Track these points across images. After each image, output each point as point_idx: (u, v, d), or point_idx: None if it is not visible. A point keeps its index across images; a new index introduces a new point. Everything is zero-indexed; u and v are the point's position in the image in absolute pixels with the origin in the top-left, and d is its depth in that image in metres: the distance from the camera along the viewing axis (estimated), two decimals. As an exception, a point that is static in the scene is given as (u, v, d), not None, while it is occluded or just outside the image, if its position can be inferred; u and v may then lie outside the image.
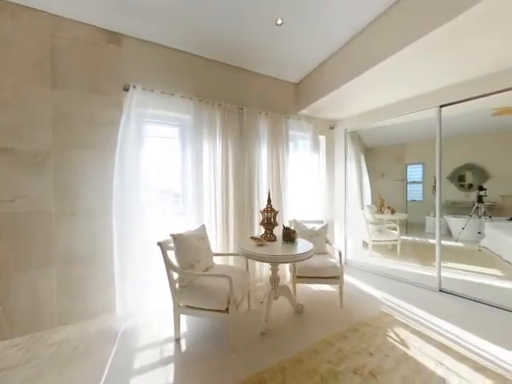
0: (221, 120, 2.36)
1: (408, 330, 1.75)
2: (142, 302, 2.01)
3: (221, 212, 2.35)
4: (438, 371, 1.36)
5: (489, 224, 3.51)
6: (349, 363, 1.42)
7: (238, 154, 2.48)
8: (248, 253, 1.72)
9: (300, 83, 2.99)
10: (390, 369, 1.37)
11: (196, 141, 2.23)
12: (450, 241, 3.82)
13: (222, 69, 2.52)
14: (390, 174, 4.78)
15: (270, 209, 2.04)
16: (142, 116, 2.02)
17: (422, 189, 4.52)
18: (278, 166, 2.75)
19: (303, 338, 1.67)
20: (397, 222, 3.75)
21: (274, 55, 2.41)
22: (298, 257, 1.66)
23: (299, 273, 2.12)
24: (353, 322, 1.86)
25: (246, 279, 1.88)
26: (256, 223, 2.56)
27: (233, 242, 2.41)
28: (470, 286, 2.46)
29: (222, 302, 1.52)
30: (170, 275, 1.64)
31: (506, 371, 1.35)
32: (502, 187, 3.78)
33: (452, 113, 2.41)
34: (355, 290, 2.46)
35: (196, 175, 2.22)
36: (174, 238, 1.69)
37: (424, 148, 2.82)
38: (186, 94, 2.23)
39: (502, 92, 2.04)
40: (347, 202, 3.38)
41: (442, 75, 2.17)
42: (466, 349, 1.54)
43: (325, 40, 2.18)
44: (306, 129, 3.11)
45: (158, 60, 2.19)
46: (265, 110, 2.70)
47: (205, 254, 1.88)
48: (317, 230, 2.52)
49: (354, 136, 3.58)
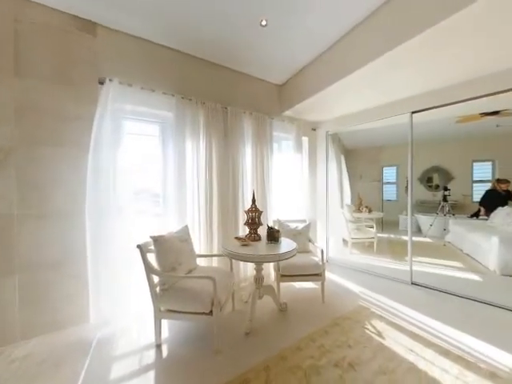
0: (204, 119, 2.32)
1: (383, 322, 1.86)
2: (119, 309, 1.90)
3: (204, 212, 2.31)
4: (408, 357, 1.46)
5: (452, 221, 3.87)
6: (330, 357, 1.48)
7: (223, 153, 2.46)
8: (232, 253, 1.71)
9: (284, 85, 3.04)
10: (368, 359, 1.45)
11: (178, 139, 2.16)
12: (419, 237, 4.15)
13: (207, 67, 2.48)
14: (368, 175, 5.06)
15: (255, 209, 2.05)
16: (120, 112, 1.91)
17: (396, 189, 4.86)
18: (263, 167, 2.77)
19: (287, 336, 1.70)
20: (374, 221, 3.98)
21: (259, 56, 2.43)
22: (282, 256, 1.68)
23: (283, 271, 2.15)
24: (334, 316, 1.94)
25: (230, 280, 1.86)
26: (240, 223, 2.56)
27: (217, 242, 2.38)
28: (437, 278, 2.69)
29: (206, 304, 1.50)
30: (150, 279, 1.58)
31: (465, 353, 1.50)
32: (463, 187, 4.20)
33: (422, 119, 2.62)
34: (336, 286, 2.57)
35: (178, 175, 2.16)
36: (155, 240, 1.62)
37: (398, 151, 3.04)
38: (168, 91, 2.15)
39: (465, 101, 2.25)
40: (329, 201, 3.51)
41: (414, 84, 2.34)
42: (433, 335, 1.69)
43: (308, 44, 2.24)
44: (290, 130, 3.17)
45: (138, 54, 2.09)
46: (249, 110, 2.70)
47: (187, 255, 1.84)
48: (300, 230, 2.58)
49: (334, 138, 3.73)
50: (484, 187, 3.85)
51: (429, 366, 1.39)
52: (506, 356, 1.47)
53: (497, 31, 1.56)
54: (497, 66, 2.00)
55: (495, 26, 1.51)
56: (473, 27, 1.51)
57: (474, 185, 4.11)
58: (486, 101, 2.18)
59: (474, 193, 4.05)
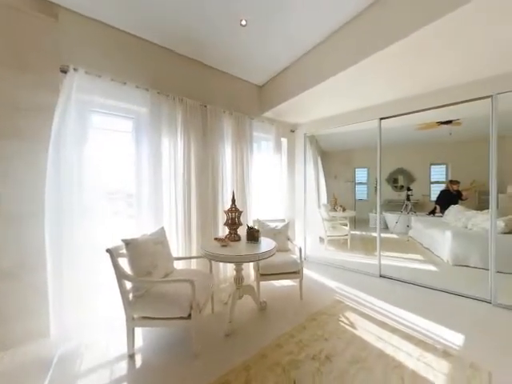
0: (182, 116, 2.23)
1: (356, 313, 1.99)
2: (85, 320, 1.74)
3: (182, 213, 2.22)
4: (378, 345, 1.58)
5: (414, 218, 4.29)
6: (308, 351, 1.53)
7: (202, 152, 2.40)
8: (212, 254, 1.68)
9: (264, 86, 3.08)
10: (342, 350, 1.54)
11: (154, 136, 2.05)
12: (387, 233, 4.52)
13: (185, 62, 2.39)
14: (342, 175, 5.36)
15: (235, 209, 2.04)
16: (87, 104, 1.75)
17: (367, 189, 5.23)
18: (243, 167, 2.77)
19: (267, 334, 1.72)
20: (347, 219, 4.23)
21: (239, 55, 2.42)
22: (262, 255, 1.70)
23: (262, 271, 2.18)
24: (311, 312, 2.02)
25: (209, 281, 1.83)
26: (220, 224, 2.52)
27: (196, 244, 2.31)
28: (402, 270, 2.96)
29: (184, 308, 1.44)
30: (122, 285, 1.47)
31: (425, 336, 1.67)
32: (422, 188, 4.70)
33: (389, 125, 2.86)
34: (313, 283, 2.67)
35: (154, 174, 2.05)
36: (127, 244, 1.52)
37: (368, 154, 3.28)
38: (142, 85, 2.03)
39: (425, 110, 2.51)
40: (306, 201, 3.63)
41: (383, 92, 2.54)
42: (398, 322, 1.85)
43: (287, 47, 2.29)
44: (269, 131, 3.22)
45: (109, 43, 1.93)
46: (229, 109, 2.68)
47: (164, 258, 1.75)
48: (279, 229, 2.63)
49: (312, 140, 3.88)
50: (439, 188, 4.35)
51: (395, 351, 1.52)
52: (455, 336, 1.68)
53: (447, 53, 1.77)
54: (450, 82, 2.27)
55: (446, 49, 1.72)
56: (432, 45, 1.69)
57: (431, 185, 4.62)
58: (441, 111, 2.46)
59: (432, 193, 4.55)
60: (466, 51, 1.78)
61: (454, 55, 1.83)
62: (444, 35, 1.58)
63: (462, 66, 2.00)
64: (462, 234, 3.04)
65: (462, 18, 1.41)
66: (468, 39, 1.64)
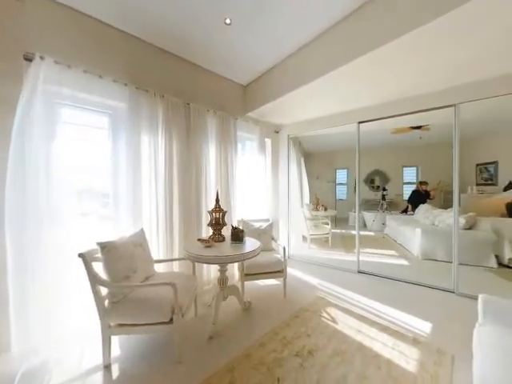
0: (164, 113, 2.15)
1: (337, 309, 2.07)
2: (54, 332, 1.60)
3: (164, 214, 2.14)
4: (357, 338, 1.67)
5: (389, 216, 4.59)
6: (291, 348, 1.56)
7: (185, 151, 2.33)
8: (195, 256, 1.64)
9: (248, 86, 3.07)
10: (324, 345, 1.59)
11: (133, 134, 1.95)
12: (365, 231, 4.77)
13: (168, 58, 2.31)
14: (324, 176, 5.56)
15: (219, 209, 2.01)
16: (56, 96, 1.61)
17: (347, 189, 5.47)
18: (227, 166, 2.74)
19: (251, 333, 1.72)
20: (329, 218, 4.39)
21: (223, 54, 2.39)
22: (247, 255, 1.70)
23: (247, 270, 2.18)
24: (294, 309, 2.06)
25: (192, 284, 1.78)
26: (204, 224, 2.47)
27: (178, 245, 2.24)
28: (378, 265, 3.14)
29: (166, 313, 1.39)
30: (97, 292, 1.38)
31: (398, 327, 1.80)
32: (396, 188, 5.04)
33: (367, 128, 3.01)
34: (296, 281, 2.73)
35: (133, 173, 1.95)
36: (102, 247, 1.43)
37: (348, 155, 3.44)
38: (120, 79, 1.92)
39: (398, 116, 2.69)
40: (290, 201, 3.70)
41: (362, 97, 2.67)
42: (375, 315, 1.96)
43: (271, 48, 2.31)
44: (254, 131, 3.23)
45: (84, 33, 1.79)
46: (213, 108, 2.63)
47: (143, 261, 1.67)
48: (263, 229, 2.65)
49: (295, 141, 3.96)
50: (411, 188, 4.69)
51: (373, 343, 1.61)
52: (424, 324, 1.82)
53: (416, 64, 1.92)
54: (420, 90, 2.45)
55: (415, 60, 1.86)
56: (403, 56, 1.82)
57: (404, 186, 4.97)
58: (413, 117, 2.66)
59: (404, 192, 4.90)
60: (432, 63, 1.93)
61: (421, 66, 1.98)
62: (414, 47, 1.71)
63: (429, 77, 2.18)
64: (430, 230, 3.31)
65: (429, 33, 1.53)
66: (433, 53, 1.78)
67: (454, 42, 1.66)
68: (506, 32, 1.55)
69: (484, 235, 2.90)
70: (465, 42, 1.66)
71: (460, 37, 1.60)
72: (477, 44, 1.68)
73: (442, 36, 1.58)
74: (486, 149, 3.58)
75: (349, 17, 1.86)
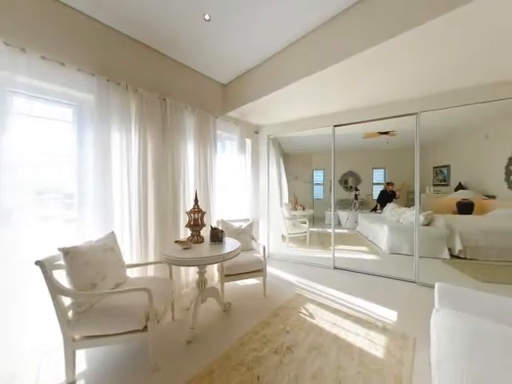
0: (137, 108, 2.02)
1: (314, 304, 2.16)
2: (6, 349, 1.40)
3: (138, 215, 2.02)
4: (332, 330, 1.75)
5: (360, 215, 4.91)
6: (270, 346, 1.58)
7: (161, 148, 2.22)
8: (172, 259, 1.58)
9: (228, 85, 3.04)
10: (302, 339, 1.65)
11: (102, 129, 1.80)
12: (340, 229, 5.05)
13: (142, 50, 2.17)
14: (302, 176, 5.75)
15: (197, 209, 1.96)
16: (7, 83, 1.41)
17: (323, 189, 5.74)
18: (206, 166, 2.68)
19: (231, 335, 1.71)
20: (306, 217, 4.55)
21: (202, 51, 2.33)
22: (227, 256, 1.68)
23: (227, 271, 2.15)
24: (274, 307, 2.09)
25: (169, 288, 1.70)
26: (182, 225, 2.38)
27: (153, 248, 2.12)
28: (351, 261, 3.34)
29: (140, 320, 1.31)
30: (59, 302, 1.24)
31: (369, 317, 1.93)
32: (367, 188, 5.43)
33: (342, 132, 3.19)
34: (276, 279, 2.78)
35: (102, 171, 1.80)
36: (65, 253, 1.29)
37: (324, 157, 3.60)
38: (87, 69, 1.75)
39: (368, 121, 2.90)
40: (270, 200, 3.75)
41: (337, 101, 2.81)
42: (349, 308, 2.09)
43: (251, 48, 2.31)
44: (234, 131, 3.21)
45: (41, 12, 1.60)
46: (192, 105, 2.55)
47: (114, 267, 1.56)
48: (243, 228, 2.65)
49: (275, 142, 4.03)
50: (379, 188, 5.09)
51: (347, 334, 1.71)
52: (391, 313, 1.99)
53: (382, 74, 2.09)
54: (387, 98, 2.67)
55: (381, 71, 2.02)
56: (371, 66, 1.96)
57: (373, 186, 5.38)
58: (383, 122, 2.89)
59: (374, 192, 5.30)
60: (398, 74, 2.12)
61: (389, 77, 2.16)
62: (382, 59, 1.85)
63: (395, 87, 2.38)
64: (396, 227, 3.62)
65: (395, 46, 1.68)
66: (398, 65, 1.95)
67: (414, 57, 1.83)
68: (455, 52, 1.76)
69: (439, 230, 3.27)
70: (423, 58, 1.84)
71: (419, 52, 1.77)
72: (433, 60, 1.88)
73: (405, 50, 1.74)
74: (440, 153, 4.04)
75: (327, 24, 1.95)
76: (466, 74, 2.09)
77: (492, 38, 1.59)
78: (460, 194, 3.68)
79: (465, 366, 0.90)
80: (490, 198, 3.39)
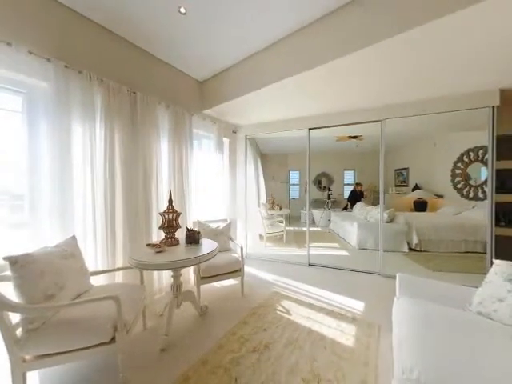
0: (103, 100, 1.85)
1: (290, 301, 2.22)
2: None
3: (104, 217, 1.85)
4: (307, 324, 1.83)
5: (333, 213, 5.21)
6: (248, 345, 1.59)
7: (131, 145, 2.06)
8: (144, 263, 1.48)
9: (205, 82, 2.96)
10: (279, 336, 1.69)
11: (61, 121, 1.61)
12: (314, 227, 5.29)
13: (111, 39, 1.98)
14: (279, 176, 5.88)
15: (172, 210, 1.87)
16: None
17: (299, 189, 5.94)
18: (181, 165, 2.57)
19: (208, 338, 1.67)
20: (283, 216, 4.67)
21: (178, 45, 2.23)
22: (203, 258, 1.64)
23: (204, 273, 2.10)
24: (252, 307, 2.10)
25: (140, 294, 1.60)
26: (154, 228, 2.26)
27: (122, 253, 1.97)
28: (325, 257, 3.52)
29: (106, 332, 1.20)
30: (3, 319, 1.08)
31: (340, 309, 2.06)
32: (339, 188, 5.78)
33: (316, 135, 3.34)
34: (254, 278, 2.80)
35: (60, 169, 1.61)
36: (13, 262, 1.13)
37: (300, 158, 3.74)
38: (41, 52, 1.55)
39: (342, 125, 3.09)
40: (247, 200, 3.76)
41: (312, 105, 2.93)
42: (322, 302, 2.20)
43: (229, 47, 2.29)
44: (211, 129, 3.14)
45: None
46: (166, 101, 2.43)
47: (75, 275, 1.41)
48: (221, 229, 2.61)
49: (252, 142, 4.05)
50: (350, 188, 5.46)
51: (320, 327, 1.80)
52: (359, 303, 2.15)
53: (350, 84, 2.25)
54: (356, 106, 2.87)
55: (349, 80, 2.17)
56: (341, 75, 2.09)
57: (344, 187, 5.75)
58: (353, 127, 3.10)
59: (345, 192, 5.66)
60: (363, 84, 2.29)
61: (357, 86, 2.33)
62: (348, 69, 1.98)
63: (363, 95, 2.57)
64: (364, 224, 3.92)
65: (362, 58, 1.82)
66: (365, 75, 2.12)
67: (376, 69, 2.00)
68: (409, 69, 1.97)
69: (399, 226, 3.63)
70: (385, 71, 2.03)
71: (380, 66, 1.94)
72: (392, 74, 2.07)
73: (370, 62, 1.89)
74: (401, 157, 4.50)
75: (303, 30, 2.02)
76: (418, 87, 2.35)
77: (431, 60, 1.83)
78: (416, 194, 4.14)
79: (419, 345, 1.02)
80: (439, 198, 3.88)
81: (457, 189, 3.57)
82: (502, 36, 1.56)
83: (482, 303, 1.26)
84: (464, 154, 3.48)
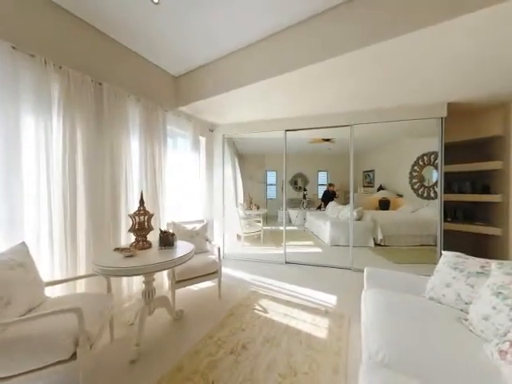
0: (62, 90, 1.66)
1: (267, 299, 2.26)
2: None
3: (63, 221, 1.66)
4: (283, 321, 1.88)
5: (308, 213, 5.43)
6: (226, 347, 1.57)
7: (95, 141, 1.88)
8: (111, 269, 1.37)
9: (180, 78, 2.85)
10: (256, 335, 1.70)
11: (6, 111, 1.40)
12: (290, 226, 5.45)
13: (72, 22, 1.78)
14: (256, 177, 5.92)
15: (143, 211, 1.76)
16: None
17: (276, 189, 6.07)
18: (154, 163, 2.43)
19: (183, 344, 1.61)
20: (260, 216, 4.72)
21: (150, 37, 2.11)
22: (178, 260, 1.57)
23: (179, 277, 2.02)
24: (229, 308, 2.08)
25: (106, 304, 1.47)
26: (124, 231, 2.09)
27: (85, 260, 1.79)
28: (300, 255, 3.66)
29: (65, 349, 1.08)
30: None
31: (316, 304, 2.16)
32: (313, 189, 6.05)
33: (292, 136, 3.44)
34: (231, 279, 2.78)
35: (5, 166, 1.40)
36: None
37: (276, 159, 3.82)
38: (-20, 29, 1.33)
39: (317, 129, 3.24)
40: (225, 200, 3.72)
41: (288, 108, 3.01)
42: (298, 298, 2.28)
43: (205, 43, 2.23)
44: (186, 127, 3.03)
45: None
46: (137, 94, 2.27)
47: (24, 288, 1.23)
48: (197, 230, 2.54)
49: (230, 142, 4.02)
50: (323, 188, 5.75)
51: (296, 322, 1.86)
52: (332, 297, 2.28)
53: (322, 90, 2.38)
54: (329, 110, 3.04)
55: (321, 86, 2.30)
56: (314, 80, 2.20)
57: (318, 187, 6.04)
58: (327, 130, 3.27)
59: (319, 192, 5.95)
60: (334, 90, 2.44)
61: (330, 92, 2.47)
62: (322, 75, 2.09)
63: (335, 101, 2.73)
64: (335, 222, 4.17)
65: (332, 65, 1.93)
66: (335, 83, 2.25)
67: (346, 77, 2.14)
68: (376, 81, 2.16)
69: (367, 224, 3.94)
70: (353, 80, 2.18)
71: (350, 74, 2.09)
72: (360, 83, 2.24)
73: (342, 69, 2.02)
74: (368, 160, 4.88)
75: (277, 34, 2.06)
76: (382, 97, 2.59)
77: (392, 74, 2.03)
78: (381, 194, 4.54)
79: (382, 330, 1.12)
80: (400, 197, 4.30)
81: (413, 189, 4.01)
82: (449, 58, 1.80)
83: (433, 289, 1.44)
84: (419, 158, 3.92)
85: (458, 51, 1.71)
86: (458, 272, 1.36)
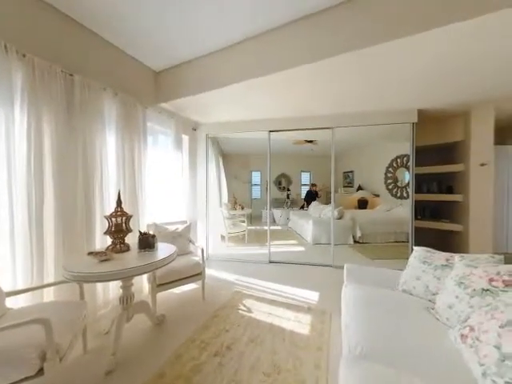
0: (26, 80, 1.51)
1: (252, 299, 2.26)
2: None
3: (27, 224, 1.50)
4: (267, 320, 1.89)
5: (291, 212, 5.54)
6: (210, 350, 1.54)
7: (66, 138, 1.74)
8: (83, 275, 1.27)
9: (161, 73, 2.74)
10: (240, 335, 1.69)
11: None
12: (275, 226, 5.51)
13: (40, 7, 1.62)
14: (241, 176, 5.91)
15: (121, 212, 1.66)
16: None
17: (260, 189, 6.10)
18: (133, 162, 2.31)
19: (165, 349, 1.55)
20: (245, 216, 4.71)
21: (128, 27, 1.99)
22: (159, 263, 1.51)
23: (160, 280, 1.94)
24: (213, 309, 2.05)
25: (78, 312, 1.36)
26: (99, 233, 1.96)
27: (55, 265, 1.64)
28: (284, 254, 3.71)
29: (30, 364, 0.98)
30: None
31: (298, 301, 2.20)
32: (297, 189, 6.18)
33: (276, 137, 3.48)
34: (215, 280, 2.74)
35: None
36: None
37: (261, 159, 3.84)
38: None
39: (300, 130, 3.31)
40: (209, 200, 3.65)
41: (272, 109, 3.03)
42: (282, 296, 2.31)
43: (188, 40, 2.17)
44: (168, 124, 2.92)
45: None
46: (113, 88, 2.14)
47: (-16, 298, 1.10)
48: (180, 231, 2.46)
49: (214, 141, 3.96)
50: (306, 188, 5.91)
51: (280, 320, 1.89)
52: (314, 294, 2.35)
53: (305, 92, 2.44)
54: (314, 113, 3.12)
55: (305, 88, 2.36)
56: (299, 83, 2.25)
57: (301, 187, 6.19)
58: (310, 132, 3.36)
59: (302, 192, 6.09)
60: (317, 93, 2.51)
61: (312, 94, 2.53)
62: (304, 78, 2.14)
63: (318, 103, 2.82)
64: (318, 221, 4.30)
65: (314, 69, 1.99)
66: (317, 86, 2.32)
67: (328, 81, 2.22)
68: (354, 86, 2.26)
69: (347, 222, 4.13)
70: (336, 84, 2.27)
71: (332, 79, 2.17)
72: (341, 87, 2.34)
73: (324, 74, 2.09)
74: (348, 161, 5.11)
75: (261, 36, 2.07)
76: (360, 102, 2.73)
77: (370, 81, 2.15)
78: (359, 194, 4.78)
79: (360, 324, 1.18)
80: (376, 197, 4.56)
81: (388, 189, 4.28)
82: (418, 68, 1.94)
83: (405, 282, 1.54)
84: (394, 160, 4.19)
85: (424, 63, 1.86)
86: (426, 265, 1.48)
